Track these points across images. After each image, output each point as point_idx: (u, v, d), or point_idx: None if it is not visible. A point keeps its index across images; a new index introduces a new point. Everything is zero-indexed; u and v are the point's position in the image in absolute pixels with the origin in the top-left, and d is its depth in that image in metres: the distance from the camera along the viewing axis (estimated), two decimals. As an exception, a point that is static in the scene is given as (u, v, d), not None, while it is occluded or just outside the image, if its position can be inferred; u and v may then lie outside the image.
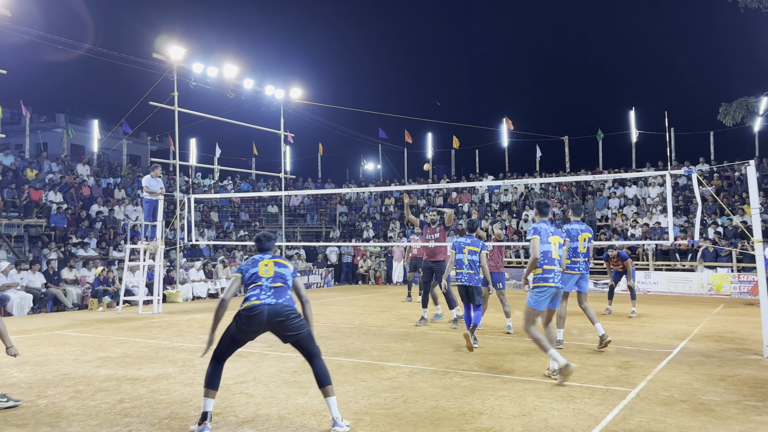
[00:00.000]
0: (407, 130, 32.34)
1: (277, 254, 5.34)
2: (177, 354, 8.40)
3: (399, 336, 9.93)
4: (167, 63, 18.01)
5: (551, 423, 5.07)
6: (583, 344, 9.08)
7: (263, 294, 4.94)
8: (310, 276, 22.37)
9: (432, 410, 5.45)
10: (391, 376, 6.87)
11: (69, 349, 8.84)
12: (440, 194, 28.87)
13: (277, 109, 22.87)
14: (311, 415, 5.30)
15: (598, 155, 28.38)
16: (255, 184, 30.62)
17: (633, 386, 6.35)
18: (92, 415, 5.36)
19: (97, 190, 22.67)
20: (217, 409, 5.47)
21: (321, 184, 32.85)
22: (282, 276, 5.07)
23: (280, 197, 26.32)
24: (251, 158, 33.04)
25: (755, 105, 21.71)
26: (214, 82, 19.78)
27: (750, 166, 8.76)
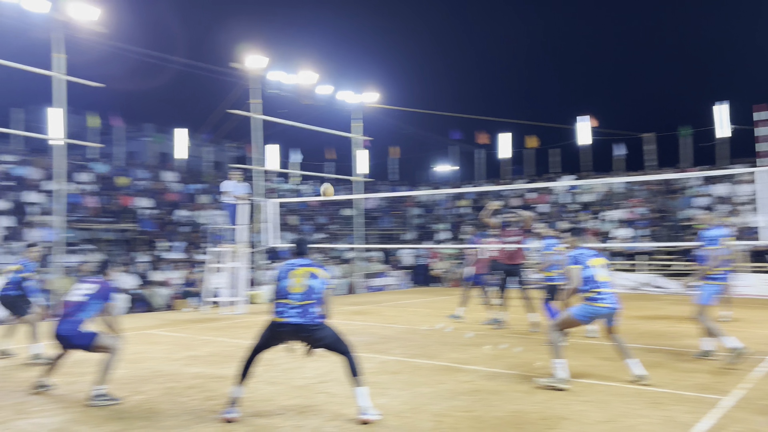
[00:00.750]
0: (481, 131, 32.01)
1: (311, 261, 5.60)
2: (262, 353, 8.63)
3: (476, 339, 9.85)
4: (246, 72, 18.62)
5: (639, 430, 4.90)
6: (671, 349, 8.72)
7: (291, 311, 5.28)
8: (385, 278, 22.54)
9: (513, 414, 5.39)
10: (470, 379, 6.83)
11: (160, 347, 9.28)
12: (516, 195, 28.41)
13: (352, 114, 23.20)
14: (392, 416, 5.34)
15: (684, 152, 27.16)
16: (331, 188, 31.08)
17: (726, 394, 6.05)
18: (183, 411, 5.61)
19: (183, 195, 23.71)
20: (301, 408, 5.62)
21: (395, 187, 33.02)
22: (312, 290, 5.36)
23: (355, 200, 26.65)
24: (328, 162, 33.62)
25: None
26: (291, 88, 20.28)
27: None
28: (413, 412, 5.44)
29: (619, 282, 20.44)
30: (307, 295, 5.36)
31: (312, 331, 5.31)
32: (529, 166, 32.32)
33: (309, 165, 31.80)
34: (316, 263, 5.62)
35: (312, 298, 5.38)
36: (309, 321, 5.30)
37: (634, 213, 23.90)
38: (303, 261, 5.58)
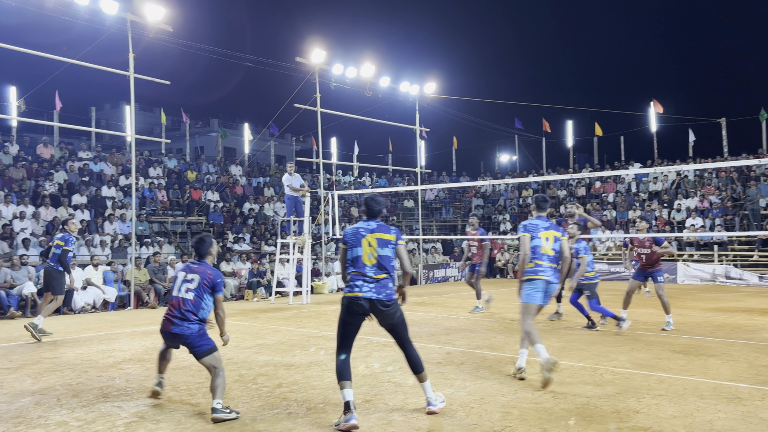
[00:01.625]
0: (545, 119, 31.42)
1: (381, 223, 5.27)
2: (326, 342, 8.81)
3: (543, 332, 9.69)
4: (309, 66, 18.87)
5: (717, 426, 4.72)
6: (750, 342, 8.35)
7: (366, 286, 5.02)
8: (447, 269, 22.48)
9: (583, 407, 5.29)
10: (537, 371, 6.73)
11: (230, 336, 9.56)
12: (582, 184, 27.74)
13: (412, 105, 23.18)
14: (459, 406, 5.34)
15: (762, 137, 25.84)
16: (391, 180, 31.23)
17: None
18: (255, 397, 5.78)
19: (249, 188, 24.31)
20: (368, 396, 5.69)
21: (456, 178, 32.82)
22: (385, 260, 5.09)
23: (416, 191, 26.66)
24: (388, 154, 33.76)
25: None
26: (352, 81, 20.43)
27: None
28: (480, 403, 5.42)
29: (693, 273, 19.69)
30: (382, 268, 5.08)
31: (388, 307, 5.05)
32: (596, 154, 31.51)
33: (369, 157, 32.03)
34: (384, 226, 5.24)
35: (387, 272, 5.10)
36: (385, 297, 5.03)
37: (707, 202, 22.92)
38: (373, 224, 5.21)
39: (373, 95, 21.49)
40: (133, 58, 14.82)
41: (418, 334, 9.45)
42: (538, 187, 29.17)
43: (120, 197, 19.19)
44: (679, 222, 22.46)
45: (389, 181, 30.94)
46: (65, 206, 17.14)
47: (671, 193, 24.68)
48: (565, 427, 4.76)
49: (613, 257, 22.95)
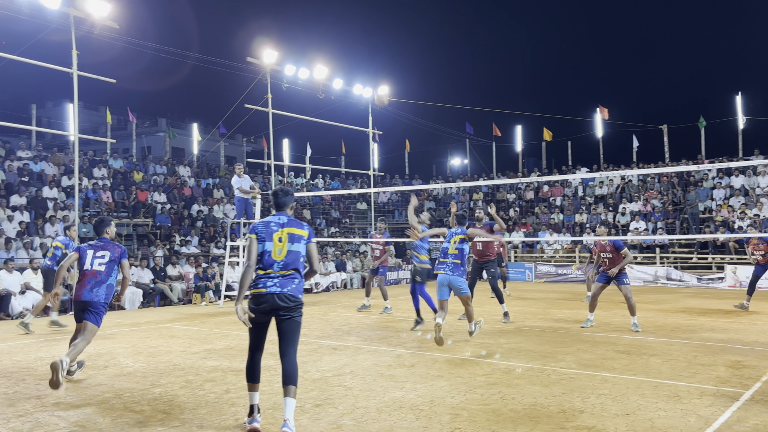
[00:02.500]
0: (495, 124, 31.91)
1: (292, 217, 5.12)
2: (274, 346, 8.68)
3: (492, 332, 9.83)
4: (261, 66, 18.65)
5: (657, 423, 4.87)
6: (689, 342, 8.65)
7: (270, 281, 4.84)
8: (399, 272, 22.54)
9: (530, 407, 5.37)
10: (487, 372, 6.82)
11: (177, 341, 9.36)
12: (531, 188, 28.28)
13: (365, 108, 23.19)
14: (408, 409, 5.35)
15: (701, 144, 26.88)
16: (345, 182, 31.17)
17: (747, 387, 5.99)
18: (202, 404, 5.66)
19: (198, 190, 23.85)
20: (318, 401, 5.64)
21: (408, 181, 33.01)
22: (295, 255, 4.94)
23: (369, 194, 26.68)
24: (341, 156, 33.67)
25: None
26: (305, 83, 20.31)
27: None
28: (430, 405, 5.45)
29: (637, 275, 20.28)
30: (290, 264, 4.92)
31: (289, 304, 4.86)
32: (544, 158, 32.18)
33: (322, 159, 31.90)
34: (297, 222, 5.06)
35: (295, 268, 4.93)
36: (290, 292, 4.86)
37: (650, 205, 23.69)
38: (284, 217, 5.06)
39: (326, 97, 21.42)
40: (77, 55, 14.35)
41: (369, 337, 9.45)
42: (488, 190, 29.59)
43: (62, 198, 18.55)
44: (624, 225, 23.14)
45: (342, 184, 30.87)
46: (2, 207, 16.46)
47: (616, 197, 25.41)
48: (513, 428, 4.83)
49: (560, 259, 23.46)
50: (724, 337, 9.12)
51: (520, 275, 23.05)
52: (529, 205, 27.64)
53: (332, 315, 12.41)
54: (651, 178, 25.19)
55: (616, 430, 4.74)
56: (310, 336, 9.33)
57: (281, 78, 19.57)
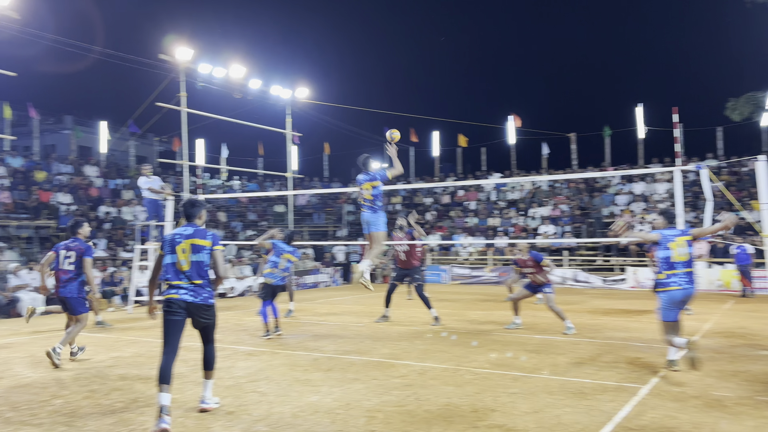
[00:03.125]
0: (413, 129, 32.35)
1: (199, 227, 5.46)
2: (188, 353, 8.41)
3: (408, 334, 9.95)
4: (174, 64, 18.09)
5: (564, 419, 5.08)
6: (594, 341, 9.08)
7: (182, 290, 5.26)
8: (318, 275, 22.43)
9: (444, 407, 5.47)
10: (402, 374, 6.89)
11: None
12: (447, 192, 28.86)
13: (283, 109, 22.94)
14: (324, 413, 5.32)
15: (605, 152, 28.32)
16: (262, 184, 30.70)
17: (645, 383, 6.35)
18: (107, 413, 5.40)
19: (106, 191, 22.80)
20: (231, 408, 5.52)
21: (328, 183, 32.91)
22: (200, 265, 5.32)
23: (287, 196, 26.39)
24: (258, 158, 33.13)
25: (763, 100, 21.64)
26: (221, 82, 19.85)
27: (759, 161, 8.73)
28: (345, 409, 5.44)
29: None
30: (196, 273, 5.31)
31: (202, 310, 5.33)
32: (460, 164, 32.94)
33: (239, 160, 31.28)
34: (201, 232, 5.40)
35: (201, 277, 5.32)
36: (201, 301, 5.30)
37: (559, 210, 24.73)
38: (190, 229, 5.40)
39: (243, 97, 21.04)
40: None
41: (286, 341, 9.33)
42: (406, 194, 29.96)
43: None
44: (534, 229, 24.03)
45: (260, 186, 30.38)
46: None
47: (527, 201, 26.35)
48: (427, 428, 4.90)
49: (474, 262, 24.06)
50: (626, 335, 9.63)
51: (436, 278, 23.46)
52: (445, 209, 28.21)
53: (248, 320, 12.17)
54: (560, 183, 26.30)
55: (526, 427, 4.90)
56: (224, 342, 9.10)
57: (196, 76, 19.04)
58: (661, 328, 6.88)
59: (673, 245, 6.77)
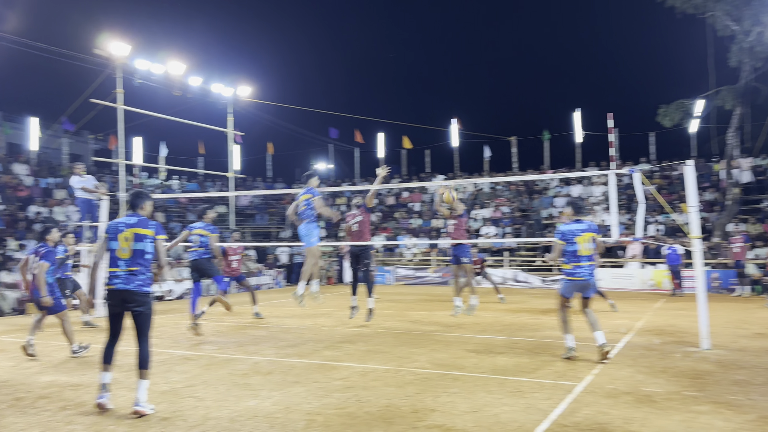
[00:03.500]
0: (358, 130, 32.34)
1: (142, 217, 5.71)
2: (123, 358, 8.14)
3: (351, 336, 9.91)
4: (110, 59, 17.50)
5: (502, 418, 5.15)
6: (532, 340, 9.27)
7: (117, 279, 5.52)
8: (260, 277, 22.10)
9: (385, 409, 5.47)
10: (344, 376, 6.86)
11: (7, 355, 8.49)
12: (392, 194, 28.97)
13: (225, 107, 22.52)
14: (263, 418, 5.23)
15: (544, 155, 29.02)
16: (203, 184, 30.07)
17: (580, 380, 6.52)
18: (33, 423, 5.15)
19: (36, 190, 21.85)
20: (165, 414, 5.36)
21: (271, 184, 32.51)
22: (140, 254, 5.56)
23: (228, 197, 25.91)
24: (199, 157, 32.41)
25: (692, 107, 22.64)
26: (159, 79, 19.32)
27: (688, 165, 9.11)
28: (285, 413, 5.37)
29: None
30: (136, 261, 5.54)
31: (136, 297, 5.51)
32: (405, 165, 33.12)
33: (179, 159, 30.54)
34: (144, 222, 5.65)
35: (140, 264, 5.56)
36: (135, 288, 5.50)
37: (500, 212, 25.18)
38: (133, 219, 5.65)
39: (183, 95, 20.53)
40: None
41: (225, 345, 9.15)
42: (351, 195, 29.91)
43: None
44: (476, 230, 24.39)
45: (200, 186, 29.74)
46: None
47: (469, 203, 26.72)
48: (367, 430, 4.88)
49: (418, 263, 24.23)
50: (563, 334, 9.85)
51: (380, 278, 23.52)
52: (390, 210, 28.31)
53: (186, 323, 11.87)
54: (501, 186, 26.78)
55: (465, 426, 4.95)
56: (159, 346, 8.84)
57: (133, 73, 18.47)
58: (558, 302, 7.84)
59: (580, 240, 7.61)
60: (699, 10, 20.43)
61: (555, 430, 4.85)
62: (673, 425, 4.96)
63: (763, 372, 6.96)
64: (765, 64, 20.64)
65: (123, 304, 5.48)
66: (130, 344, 5.59)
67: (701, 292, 8.54)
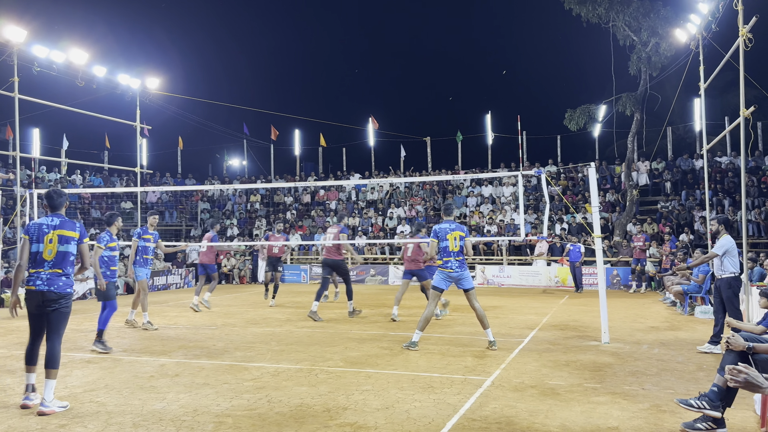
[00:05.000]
0: (273, 127, 31.88)
1: (64, 217, 5.78)
2: (17, 363, 7.65)
3: (264, 336, 9.76)
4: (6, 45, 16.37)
5: (413, 414, 5.21)
6: (444, 336, 9.45)
7: (39, 280, 5.54)
8: (168, 276, 21.36)
9: (297, 408, 5.41)
10: (255, 376, 6.73)
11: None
12: (308, 192, 28.76)
13: (132, 100, 21.57)
14: (169, 421, 5.05)
15: (458, 156, 29.69)
16: (108, 179, 28.72)
17: (488, 375, 6.71)
18: None
19: None
20: (63, 421, 5.07)
21: (181, 180, 31.47)
22: (64, 255, 5.64)
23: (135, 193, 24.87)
24: (104, 151, 30.91)
25: (596, 112, 23.83)
26: (61, 68, 18.23)
27: (591, 167, 9.58)
28: (193, 415, 5.20)
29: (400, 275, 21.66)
30: (59, 263, 5.60)
31: (56, 300, 5.56)
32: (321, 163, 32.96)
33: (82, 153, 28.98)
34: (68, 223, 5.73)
35: (62, 267, 5.62)
36: (57, 289, 5.56)
37: (415, 210, 25.54)
38: (56, 219, 5.72)
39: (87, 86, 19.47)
40: None
41: (131, 347, 8.77)
42: (266, 192, 29.45)
43: None
44: (392, 228, 24.63)
45: (105, 181, 28.38)
46: None
47: (385, 202, 26.95)
48: (278, 430, 4.81)
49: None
50: (473, 330, 10.12)
51: (296, 277, 23.30)
52: (306, 208, 28.10)
53: (89, 324, 11.30)
54: (416, 185, 27.18)
55: (376, 423, 4.97)
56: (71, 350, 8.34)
57: (32, 60, 17.36)
58: (432, 294, 8.61)
59: (450, 237, 8.40)
60: (603, 20, 21.51)
61: (464, 424, 4.96)
62: (574, 416, 5.19)
63: (656, 363, 7.42)
64: (661, 73, 22.02)
65: (44, 304, 5.51)
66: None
67: (602, 289, 9.00)
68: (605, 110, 24.55)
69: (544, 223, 10.55)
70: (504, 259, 21.64)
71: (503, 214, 23.54)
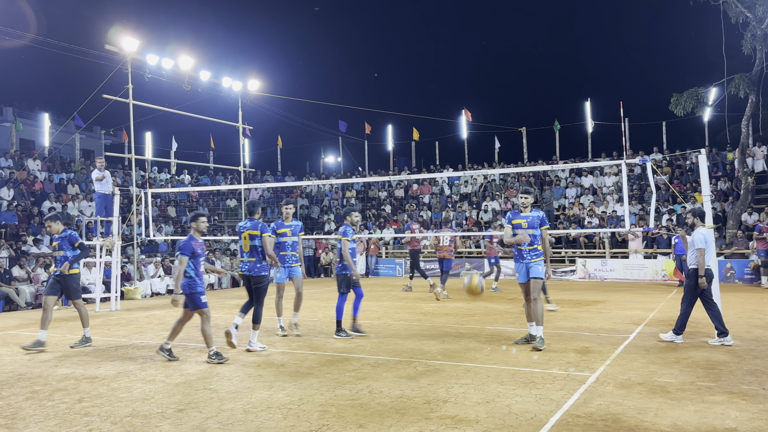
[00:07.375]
0: (367, 122, 32.32)
1: (255, 220, 8.11)
2: (137, 351, 8.24)
3: (363, 328, 9.93)
4: (121, 55, 17.55)
5: (514, 409, 5.16)
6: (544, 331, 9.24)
7: (244, 266, 8.07)
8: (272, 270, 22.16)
9: (397, 400, 5.49)
10: (356, 367, 6.88)
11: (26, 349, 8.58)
12: (401, 186, 28.95)
13: (234, 102, 22.54)
14: (276, 408, 5.27)
15: (555, 146, 28.88)
16: (213, 178, 30.18)
17: (593, 371, 6.51)
18: (50, 415, 5.22)
19: (49, 185, 22.04)
20: (180, 406, 5.41)
21: (281, 177, 32.58)
22: (255, 248, 8.03)
23: (239, 191, 26.01)
24: (209, 151, 32.55)
25: (705, 95, 22.40)
26: (169, 74, 19.35)
27: (701, 155, 9.04)
28: (298, 404, 5.40)
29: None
30: (253, 252, 7.99)
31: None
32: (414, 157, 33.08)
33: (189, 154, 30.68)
34: (252, 222, 7.90)
35: (256, 255, 7.98)
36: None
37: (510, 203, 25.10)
38: (248, 224, 8.14)
39: (193, 89, 20.55)
40: None
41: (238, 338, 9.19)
42: (361, 188, 29.93)
43: None
44: (486, 222, 24.34)
45: (211, 180, 29.85)
46: None
47: (479, 195, 26.65)
48: (380, 421, 4.90)
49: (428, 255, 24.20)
50: (575, 325, 9.85)
51: (391, 271, 23.56)
52: (400, 202, 28.29)
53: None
54: (511, 177, 26.68)
55: (477, 416, 4.96)
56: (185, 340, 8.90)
57: (143, 68, 18.52)
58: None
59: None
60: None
61: (568, 420, 4.85)
62: (687, 415, 4.95)
63: (778, 362, 6.92)
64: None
65: (249, 282, 8.12)
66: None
67: (716, 282, 8.48)
68: (716, 93, 23.04)
69: (650, 214, 10.07)
70: (606, 252, 20.86)
71: (605, 206, 22.66)
